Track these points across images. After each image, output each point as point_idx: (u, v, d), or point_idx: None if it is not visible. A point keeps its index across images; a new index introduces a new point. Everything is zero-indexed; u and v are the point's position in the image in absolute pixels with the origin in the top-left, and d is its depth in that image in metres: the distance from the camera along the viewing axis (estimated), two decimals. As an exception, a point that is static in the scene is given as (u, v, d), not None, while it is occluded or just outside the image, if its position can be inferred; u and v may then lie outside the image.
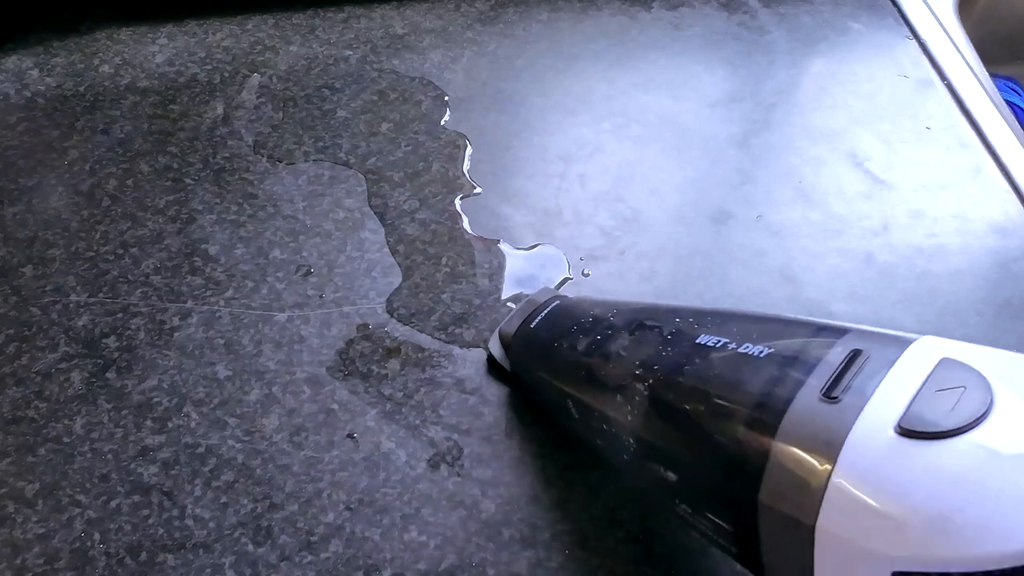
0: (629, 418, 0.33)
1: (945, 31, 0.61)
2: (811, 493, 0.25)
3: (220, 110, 0.53)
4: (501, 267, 0.46)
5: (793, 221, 0.50)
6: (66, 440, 0.39)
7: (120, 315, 0.44)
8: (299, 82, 0.55)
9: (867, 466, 0.25)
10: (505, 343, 0.42)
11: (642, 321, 0.36)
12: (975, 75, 0.58)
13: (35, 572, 0.36)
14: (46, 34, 0.57)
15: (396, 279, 0.46)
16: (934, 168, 0.53)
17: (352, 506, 0.38)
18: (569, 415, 0.37)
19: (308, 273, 0.46)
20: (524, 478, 0.39)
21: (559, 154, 0.52)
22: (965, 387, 0.25)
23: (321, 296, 0.45)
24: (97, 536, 0.37)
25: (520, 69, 0.57)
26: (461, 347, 0.43)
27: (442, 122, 0.53)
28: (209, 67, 0.56)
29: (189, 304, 0.44)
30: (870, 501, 0.24)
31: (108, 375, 0.41)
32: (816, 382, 0.27)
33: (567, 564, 0.37)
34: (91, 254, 0.46)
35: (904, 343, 0.27)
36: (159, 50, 0.57)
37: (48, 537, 0.36)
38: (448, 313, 0.44)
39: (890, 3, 0.63)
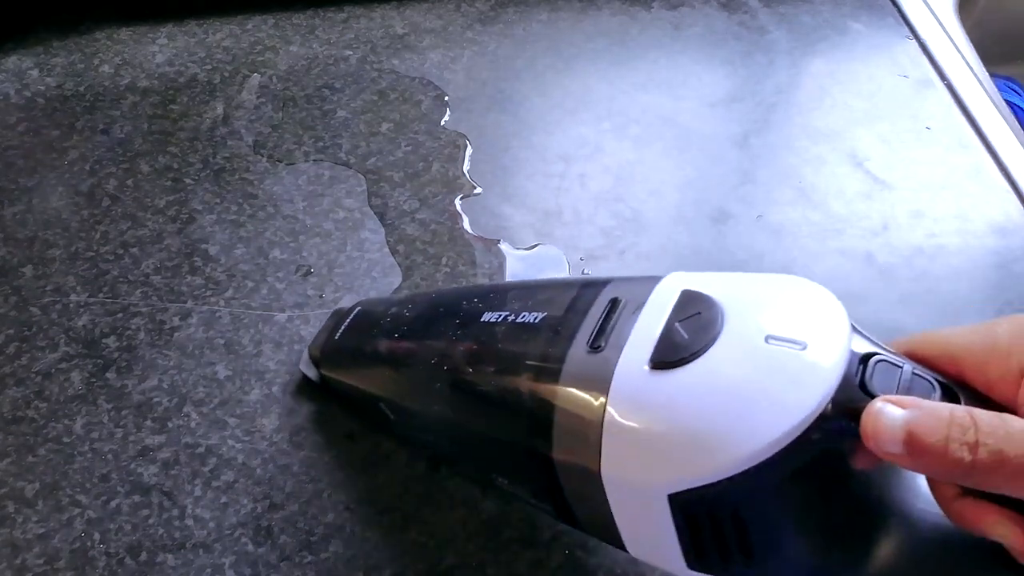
0: (436, 408, 0.35)
1: (945, 31, 0.61)
2: (590, 442, 0.27)
3: (220, 110, 0.53)
4: (501, 267, 0.46)
5: (793, 221, 0.50)
6: (66, 440, 0.39)
7: (120, 315, 0.44)
8: (299, 82, 0.55)
9: (630, 405, 0.27)
10: (315, 360, 0.41)
11: (435, 310, 0.37)
12: (975, 75, 0.58)
13: (35, 572, 0.36)
14: (46, 34, 0.57)
15: (396, 279, 0.46)
16: (934, 168, 0.53)
17: (352, 506, 0.38)
18: (385, 418, 0.38)
19: (308, 273, 0.46)
20: (524, 478, 0.39)
21: (559, 154, 0.52)
22: (700, 312, 0.27)
23: (321, 296, 0.45)
24: (97, 536, 0.37)
25: (520, 69, 0.57)
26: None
27: (442, 122, 0.53)
28: (209, 67, 0.56)
29: (189, 304, 0.44)
30: (636, 437, 0.27)
31: (108, 375, 0.41)
32: (583, 336, 0.29)
33: (567, 564, 0.37)
34: (91, 254, 0.46)
35: (652, 282, 0.29)
36: (159, 50, 0.57)
37: (48, 537, 0.36)
38: (448, 313, 0.44)
39: (890, 3, 0.63)
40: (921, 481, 0.28)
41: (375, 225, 0.48)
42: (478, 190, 0.50)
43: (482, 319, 0.33)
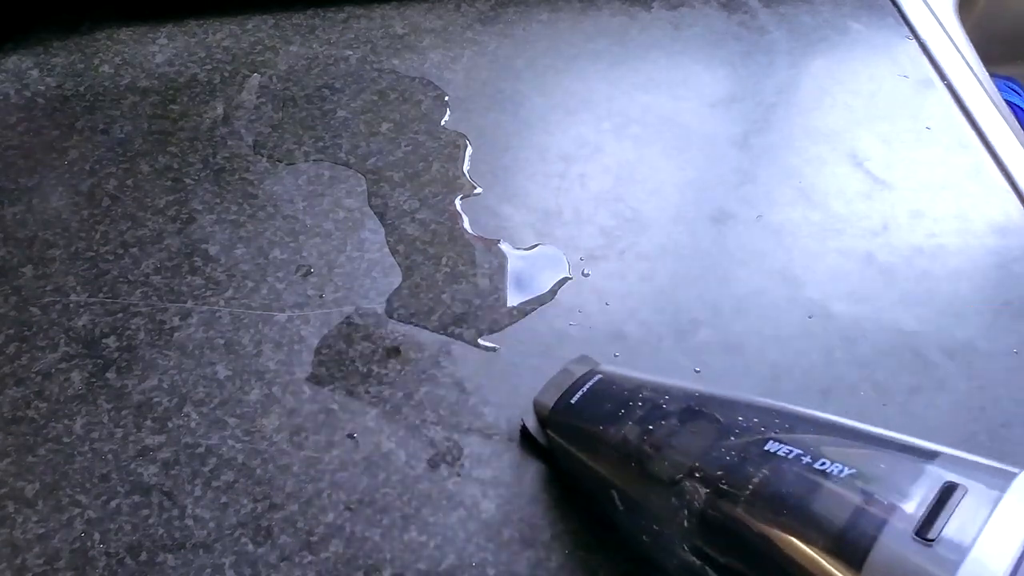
0: (684, 523, 0.30)
1: (945, 31, 0.61)
2: None
3: (220, 110, 0.53)
4: (501, 267, 0.46)
5: (793, 221, 0.50)
6: (66, 440, 0.39)
7: (120, 315, 0.44)
8: (299, 82, 0.55)
9: None
10: (541, 417, 0.38)
11: (699, 410, 0.33)
12: (975, 75, 0.58)
13: (35, 572, 0.36)
14: (46, 34, 0.57)
15: (396, 279, 0.46)
16: (934, 168, 0.53)
17: (352, 506, 0.38)
18: (614, 506, 0.34)
19: (308, 273, 0.46)
20: (524, 478, 0.39)
21: (559, 154, 0.52)
22: None
23: (321, 296, 0.45)
24: (97, 536, 0.37)
25: (520, 69, 0.57)
26: (461, 347, 0.43)
27: (442, 122, 0.53)
28: (209, 67, 0.56)
29: (189, 304, 0.44)
30: None
31: (108, 375, 0.41)
32: (907, 515, 0.24)
33: (567, 564, 0.37)
34: (91, 254, 0.46)
35: (1007, 477, 0.25)
36: (159, 50, 0.57)
37: (48, 537, 0.36)
38: (448, 313, 0.44)
39: (890, 3, 0.63)
40: None
41: (375, 225, 0.48)
42: (478, 190, 0.50)
43: (766, 447, 0.29)
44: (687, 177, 0.52)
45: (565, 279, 0.46)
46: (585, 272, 0.47)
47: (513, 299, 0.45)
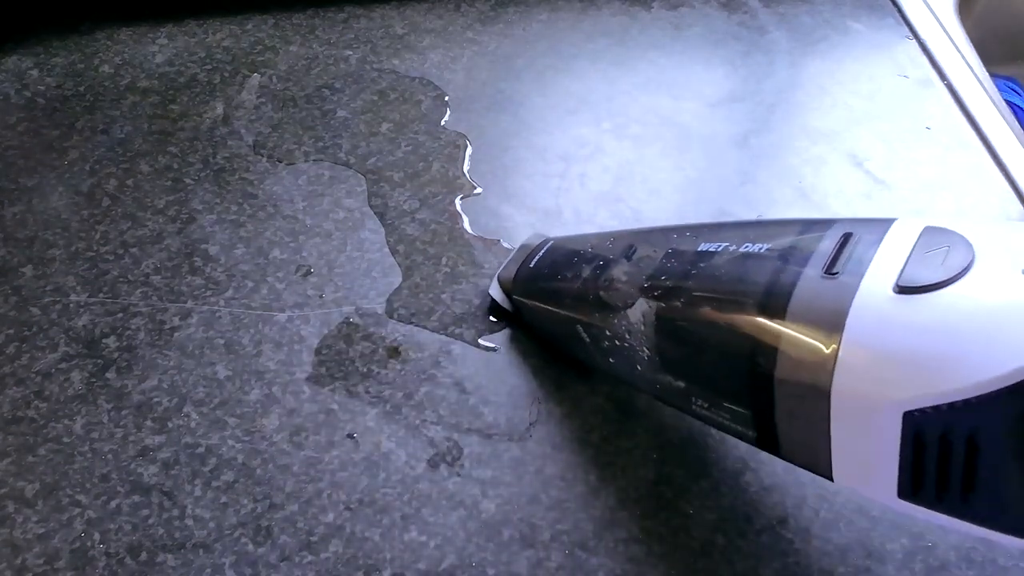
0: (642, 328, 0.35)
1: (945, 31, 0.61)
2: (825, 359, 0.28)
3: (220, 110, 0.53)
4: (502, 267, 0.46)
5: (793, 221, 0.49)
6: (66, 440, 0.39)
7: (120, 315, 0.44)
8: (299, 82, 0.55)
9: (872, 325, 0.27)
10: (506, 287, 0.44)
11: (642, 242, 0.38)
12: (975, 75, 0.58)
13: (35, 572, 0.36)
14: (46, 34, 0.57)
15: (396, 279, 0.46)
16: (934, 168, 0.53)
17: (352, 506, 0.38)
18: (580, 341, 0.39)
19: (308, 273, 0.46)
20: (524, 478, 0.39)
21: (559, 154, 0.52)
22: (949, 247, 0.28)
23: (321, 296, 0.45)
24: (97, 536, 0.37)
25: (520, 69, 0.57)
26: (461, 347, 0.43)
27: (442, 122, 0.53)
28: (209, 67, 0.56)
29: (189, 304, 0.44)
30: (877, 355, 0.27)
31: (108, 375, 0.41)
32: (816, 264, 0.30)
33: (567, 564, 0.37)
34: (91, 254, 0.46)
35: (887, 222, 0.30)
36: (159, 50, 0.57)
37: (48, 537, 0.36)
38: (448, 313, 0.44)
39: (890, 3, 0.63)
40: None
41: (375, 225, 0.48)
42: (478, 190, 0.50)
43: (699, 248, 0.34)
44: (687, 177, 0.52)
45: (565, 279, 0.46)
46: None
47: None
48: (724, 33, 0.60)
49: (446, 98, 0.55)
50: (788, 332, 0.29)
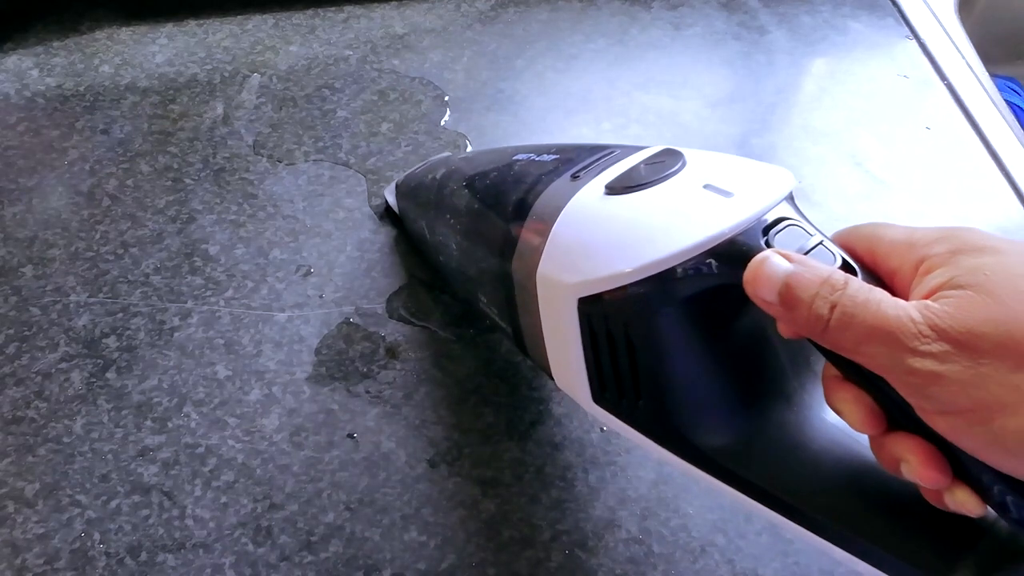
0: (451, 219, 0.38)
1: (945, 31, 0.61)
2: (536, 248, 0.31)
3: (220, 110, 0.53)
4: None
5: (793, 221, 0.49)
6: (66, 440, 0.39)
7: (120, 315, 0.44)
8: (299, 82, 0.55)
9: (575, 219, 0.30)
10: (399, 191, 0.47)
11: (497, 154, 0.40)
12: (975, 75, 0.58)
13: (35, 572, 0.36)
14: (46, 34, 0.57)
15: (396, 279, 0.46)
16: (934, 168, 0.53)
17: (352, 506, 0.38)
18: (424, 238, 0.43)
19: (308, 273, 0.46)
20: (524, 478, 0.39)
21: (559, 154, 0.52)
22: (665, 160, 0.30)
23: (321, 296, 0.45)
24: (97, 536, 0.37)
25: (520, 69, 0.57)
26: (461, 347, 0.43)
27: (442, 122, 0.53)
28: (209, 67, 0.56)
29: (189, 304, 0.44)
30: (570, 243, 0.30)
31: (108, 375, 0.41)
32: (569, 172, 0.32)
33: (567, 564, 0.37)
34: (91, 254, 0.46)
35: (647, 146, 0.32)
36: (159, 50, 0.57)
37: (48, 537, 0.36)
38: (448, 313, 0.44)
39: (890, 3, 0.63)
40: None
41: (375, 225, 0.48)
42: (478, 190, 0.50)
43: (514, 157, 0.37)
44: (687, 177, 0.51)
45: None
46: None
47: None
48: (724, 33, 0.60)
49: (446, 98, 0.55)
50: (525, 228, 0.32)
